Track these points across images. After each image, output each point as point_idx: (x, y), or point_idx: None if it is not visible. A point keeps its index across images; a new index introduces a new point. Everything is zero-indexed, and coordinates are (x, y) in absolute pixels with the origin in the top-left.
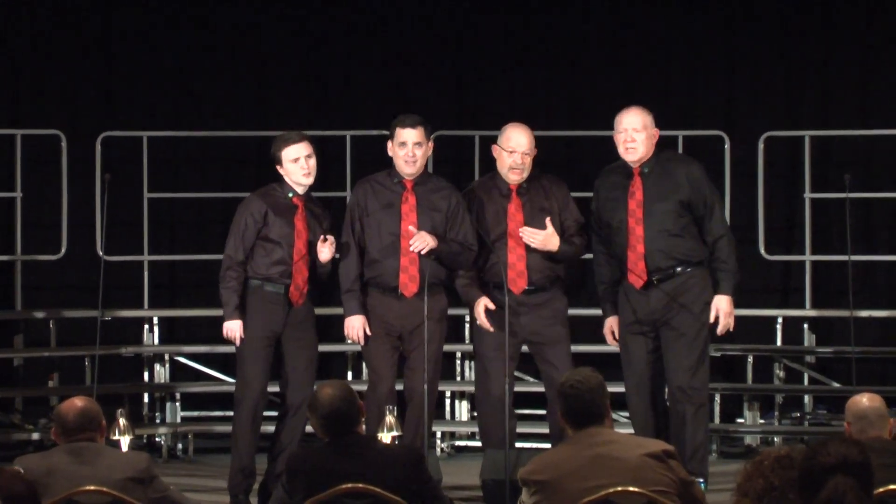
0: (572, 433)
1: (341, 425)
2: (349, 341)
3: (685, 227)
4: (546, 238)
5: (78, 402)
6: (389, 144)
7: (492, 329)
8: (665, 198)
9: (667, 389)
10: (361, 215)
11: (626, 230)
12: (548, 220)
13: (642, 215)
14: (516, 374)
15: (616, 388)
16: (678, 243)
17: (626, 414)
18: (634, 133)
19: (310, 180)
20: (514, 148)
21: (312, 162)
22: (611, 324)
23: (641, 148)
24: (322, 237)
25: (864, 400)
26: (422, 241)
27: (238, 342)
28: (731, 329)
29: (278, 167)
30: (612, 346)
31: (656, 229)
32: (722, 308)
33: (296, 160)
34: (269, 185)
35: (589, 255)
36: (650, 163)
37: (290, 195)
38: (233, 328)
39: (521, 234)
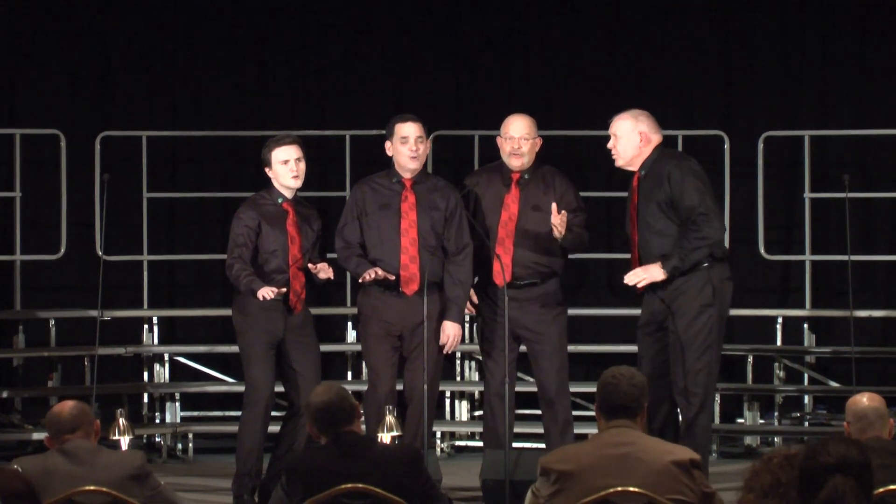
0: (603, 425)
1: (334, 420)
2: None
3: (672, 227)
4: (559, 226)
5: (68, 402)
6: (388, 144)
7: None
8: (650, 199)
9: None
10: (360, 215)
11: (628, 234)
12: (553, 207)
13: (636, 218)
14: (517, 373)
15: None
16: (667, 244)
17: None
18: (613, 138)
19: (298, 183)
20: (511, 134)
21: (302, 166)
22: None
23: (618, 153)
24: (313, 265)
25: (864, 400)
26: (451, 343)
27: (273, 294)
28: (637, 287)
29: (267, 169)
30: (612, 347)
31: (646, 232)
32: (652, 271)
33: (285, 162)
34: (258, 194)
35: (583, 256)
36: (646, 165)
37: (280, 201)
38: (266, 289)
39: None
